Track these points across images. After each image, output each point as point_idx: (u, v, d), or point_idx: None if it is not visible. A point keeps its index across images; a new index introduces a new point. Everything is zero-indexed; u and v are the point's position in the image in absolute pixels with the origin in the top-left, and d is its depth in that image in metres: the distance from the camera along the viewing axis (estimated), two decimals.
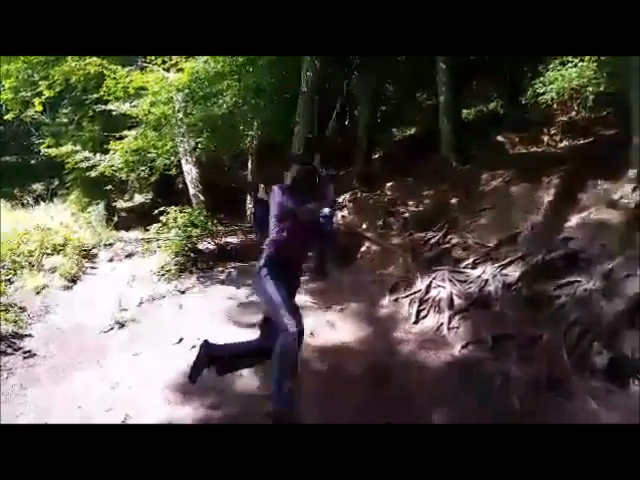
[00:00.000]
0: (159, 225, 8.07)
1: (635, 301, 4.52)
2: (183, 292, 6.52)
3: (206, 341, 3.59)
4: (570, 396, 3.96)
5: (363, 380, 4.43)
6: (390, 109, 12.49)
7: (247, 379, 4.31)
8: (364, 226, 8.33)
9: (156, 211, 8.40)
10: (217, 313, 5.80)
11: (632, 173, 5.76)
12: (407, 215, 7.92)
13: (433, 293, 5.91)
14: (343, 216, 8.81)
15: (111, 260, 8.01)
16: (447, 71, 9.27)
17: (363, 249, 7.77)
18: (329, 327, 5.61)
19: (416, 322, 5.63)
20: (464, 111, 11.02)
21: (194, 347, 4.88)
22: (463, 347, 4.93)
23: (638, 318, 4.41)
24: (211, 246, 8.02)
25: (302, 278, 3.87)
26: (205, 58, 10.24)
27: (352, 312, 6.11)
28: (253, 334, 4.98)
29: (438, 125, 8.98)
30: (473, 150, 8.62)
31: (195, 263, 7.24)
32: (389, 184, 9.04)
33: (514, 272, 5.45)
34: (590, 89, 9.19)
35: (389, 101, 12.59)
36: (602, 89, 8.74)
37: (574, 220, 5.59)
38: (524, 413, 3.77)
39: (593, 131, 8.18)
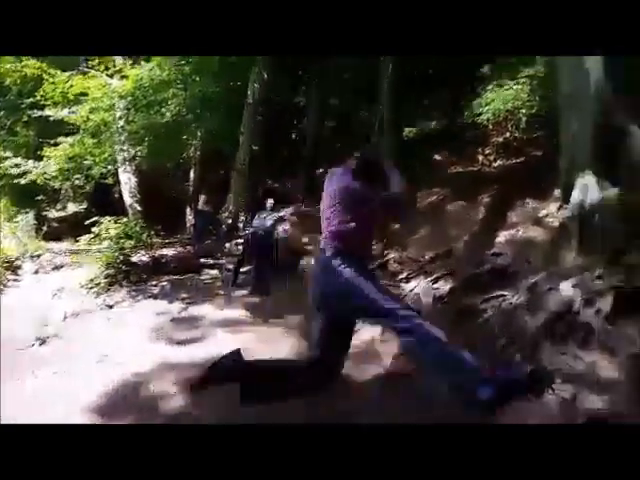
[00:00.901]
0: (91, 236, 7.73)
1: (555, 314, 4.70)
2: (111, 306, 6.25)
3: (238, 350, 2.72)
4: None
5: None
6: (337, 123, 12.65)
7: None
8: (306, 239, 8.31)
9: (88, 221, 8.05)
10: (147, 329, 5.58)
11: (558, 193, 6.03)
12: None
13: None
14: (285, 229, 8.76)
15: (36, 272, 7.59)
16: (390, 88, 9.49)
17: (304, 262, 7.74)
18: (264, 342, 5.51)
19: None
20: (406, 129, 11.31)
21: (120, 364, 4.67)
22: (394, 359, 4.94)
23: (557, 331, 4.59)
24: (145, 258, 7.76)
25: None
26: (151, 65, 10.06)
27: (290, 326, 6.03)
28: (186, 351, 4.88)
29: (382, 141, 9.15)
30: (414, 168, 8.81)
31: (127, 276, 6.97)
32: None
33: (445, 286, 5.57)
34: (523, 111, 9.69)
35: (335, 115, 12.76)
36: (534, 111, 9.25)
37: (503, 236, 5.78)
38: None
39: (525, 152, 8.56)
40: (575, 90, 5.94)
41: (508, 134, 9.38)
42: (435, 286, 5.59)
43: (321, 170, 11.54)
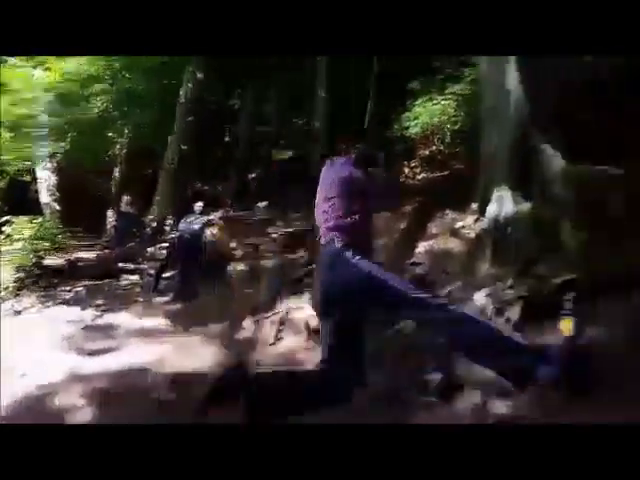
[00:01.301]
0: (1, 237, 7.21)
1: None
2: (19, 312, 5.84)
3: (242, 361, 2.53)
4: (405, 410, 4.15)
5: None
6: (269, 130, 12.62)
7: None
8: (233, 245, 8.20)
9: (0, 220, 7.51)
10: (56, 337, 5.26)
11: (475, 205, 6.32)
12: (276, 236, 7.96)
13: (293, 315, 5.93)
14: (213, 233, 8.60)
15: None
16: (325, 99, 9.60)
17: (230, 268, 7.64)
18: (184, 352, 5.36)
19: (273, 343, 5.58)
20: None
21: (24, 375, 4.39)
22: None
23: None
24: (60, 261, 7.33)
25: None
26: (79, 59, 9.59)
27: (212, 335, 5.91)
28: (98, 361, 4.66)
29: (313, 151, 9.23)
30: None
31: (37, 280, 6.55)
32: (262, 204, 9.04)
33: None
34: (448, 126, 10.13)
35: (268, 122, 12.73)
36: (458, 127, 9.69)
37: (422, 247, 5.97)
38: None
39: (448, 165, 8.92)
40: (497, 106, 6.28)
41: (434, 147, 9.75)
42: None
43: (253, 175, 11.47)
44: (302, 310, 5.83)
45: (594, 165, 5.91)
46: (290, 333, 5.75)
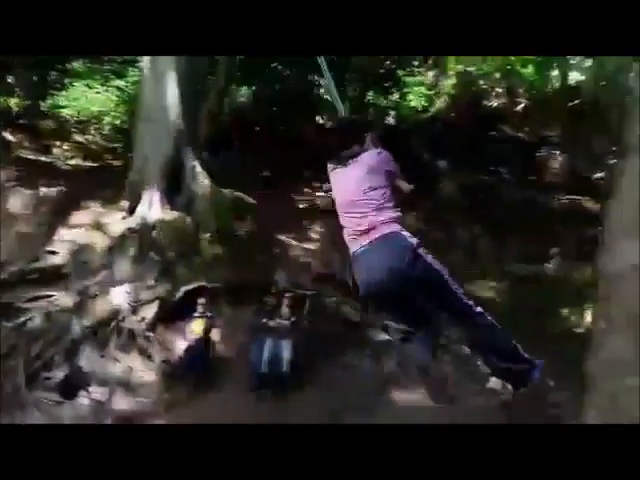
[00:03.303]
0: None
1: (102, 319, 4.85)
2: None
3: None
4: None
5: None
6: None
7: None
8: None
9: None
10: None
11: (124, 203, 6.27)
12: None
13: None
14: None
15: None
16: None
17: None
18: None
19: None
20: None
21: None
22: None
23: (101, 335, 4.74)
24: None
25: None
26: None
27: None
28: None
29: None
30: None
31: None
32: None
33: None
34: (109, 119, 9.74)
35: None
36: (119, 122, 9.45)
37: (63, 235, 5.53)
38: None
39: (103, 157, 8.56)
40: (155, 114, 6.47)
41: (90, 136, 9.19)
42: None
43: None
44: None
45: (239, 191, 6.85)
46: None
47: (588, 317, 4.77)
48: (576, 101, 9.53)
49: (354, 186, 2.21)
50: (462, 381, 4.48)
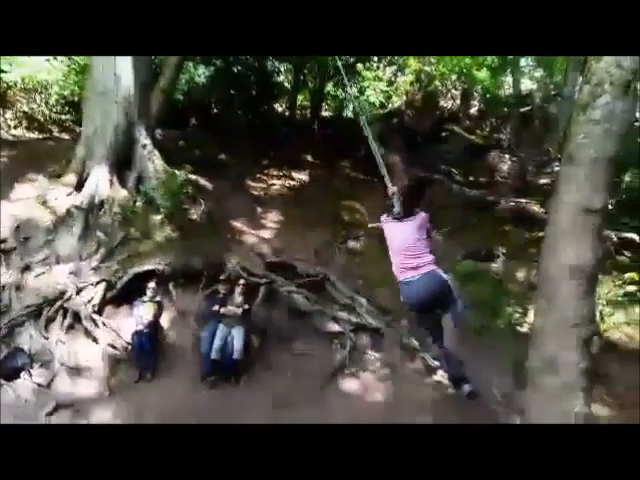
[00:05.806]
0: None
1: (46, 299, 4.65)
2: None
3: None
4: None
5: None
6: None
7: None
8: None
9: None
10: None
11: (71, 178, 5.98)
12: None
13: None
14: None
15: None
16: None
17: None
18: None
19: None
20: None
21: None
22: None
23: (44, 315, 4.54)
24: None
25: None
26: None
27: None
28: None
29: None
30: None
31: None
32: None
33: None
34: (56, 89, 9.21)
35: None
36: (66, 93, 8.95)
37: (6, 209, 5.22)
38: None
39: (49, 129, 8.11)
40: (105, 89, 6.17)
41: (35, 106, 8.64)
42: None
43: None
44: None
45: (193, 173, 6.68)
46: None
47: (531, 315, 5.14)
48: (527, 108, 10.08)
49: (410, 237, 3.15)
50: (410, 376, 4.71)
